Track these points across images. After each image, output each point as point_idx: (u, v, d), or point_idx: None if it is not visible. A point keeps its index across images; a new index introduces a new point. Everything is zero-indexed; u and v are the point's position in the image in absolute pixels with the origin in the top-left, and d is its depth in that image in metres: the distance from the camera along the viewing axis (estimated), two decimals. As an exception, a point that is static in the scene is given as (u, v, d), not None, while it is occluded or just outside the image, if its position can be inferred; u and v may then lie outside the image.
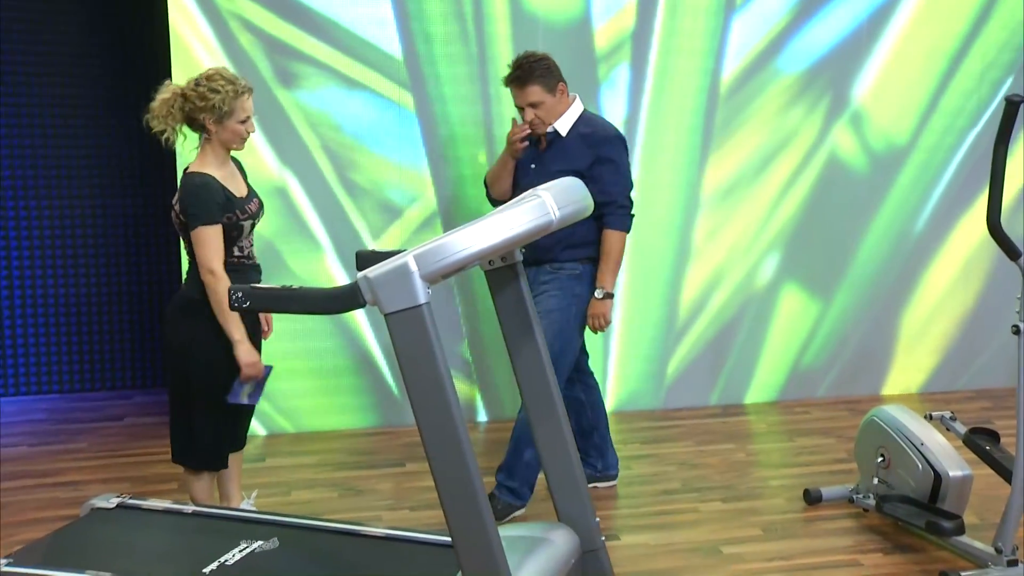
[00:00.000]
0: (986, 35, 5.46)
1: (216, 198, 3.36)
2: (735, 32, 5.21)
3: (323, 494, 4.30)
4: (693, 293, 5.41)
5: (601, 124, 4.06)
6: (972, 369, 5.73)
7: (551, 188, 2.75)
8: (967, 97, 5.48)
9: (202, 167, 3.41)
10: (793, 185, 5.41)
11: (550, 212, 2.66)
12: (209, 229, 3.34)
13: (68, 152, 5.64)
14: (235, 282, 3.28)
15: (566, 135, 3.97)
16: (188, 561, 3.17)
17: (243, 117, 3.39)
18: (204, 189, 3.34)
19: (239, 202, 3.44)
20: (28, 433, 5.11)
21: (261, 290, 2.63)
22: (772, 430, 5.17)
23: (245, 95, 3.39)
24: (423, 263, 2.49)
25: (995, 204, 3.30)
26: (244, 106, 3.38)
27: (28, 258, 5.64)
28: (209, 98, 3.33)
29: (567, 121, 3.97)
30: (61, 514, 3.96)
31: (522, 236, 2.61)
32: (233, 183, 3.47)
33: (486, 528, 2.63)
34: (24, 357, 5.70)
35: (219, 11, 4.72)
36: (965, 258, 5.63)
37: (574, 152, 3.94)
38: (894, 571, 3.53)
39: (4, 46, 5.46)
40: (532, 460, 3.97)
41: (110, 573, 3.04)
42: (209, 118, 3.36)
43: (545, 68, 3.90)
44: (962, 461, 3.66)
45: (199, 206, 3.33)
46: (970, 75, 5.47)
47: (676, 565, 3.60)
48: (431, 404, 2.56)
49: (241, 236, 3.47)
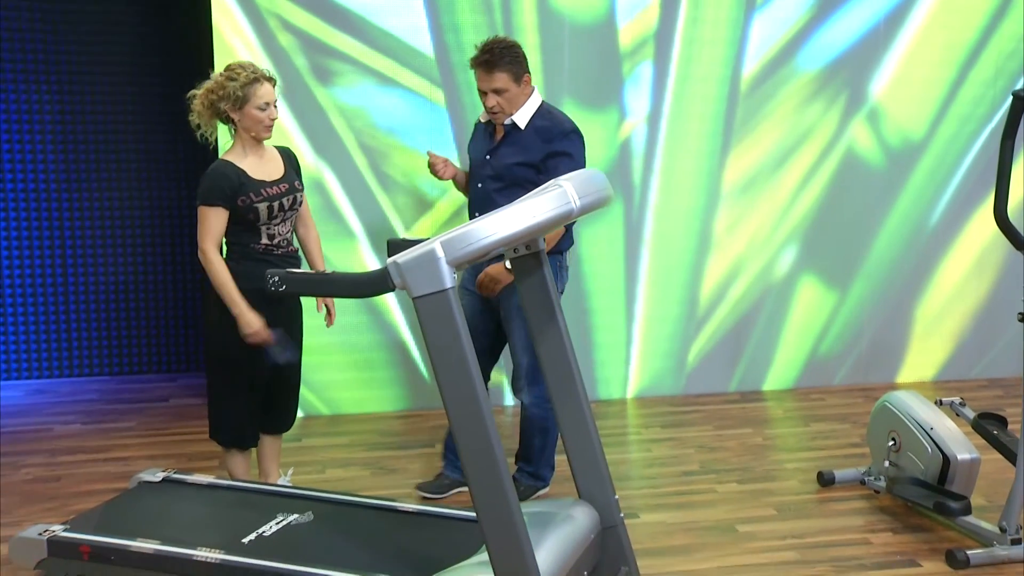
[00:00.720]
0: (1000, 34, 5.43)
1: (223, 183, 3.38)
2: (755, 31, 5.21)
3: (356, 472, 4.36)
4: (713, 283, 5.41)
5: (559, 118, 3.86)
6: (985, 359, 5.70)
7: (572, 178, 2.78)
8: (981, 94, 5.45)
9: (226, 155, 3.47)
10: (811, 179, 5.40)
11: (571, 201, 2.70)
12: (207, 210, 3.38)
13: (118, 147, 5.71)
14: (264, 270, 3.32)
15: (524, 127, 3.79)
16: (228, 531, 3.24)
17: (260, 103, 3.39)
18: (213, 173, 3.40)
19: (254, 184, 3.43)
20: (81, 412, 5.21)
21: (297, 274, 2.69)
22: (789, 416, 5.17)
23: (260, 82, 3.39)
24: (450, 249, 2.53)
25: (1002, 196, 3.30)
26: (259, 92, 3.38)
27: (80, 248, 5.73)
28: (226, 86, 3.37)
29: (526, 113, 3.78)
30: (111, 487, 4.06)
31: (544, 224, 2.64)
32: (259, 169, 3.47)
33: (509, 504, 2.67)
34: (77, 341, 5.79)
35: (259, 11, 4.78)
36: (979, 251, 5.60)
37: (529, 144, 3.78)
38: (903, 549, 3.54)
39: (67, 47, 5.55)
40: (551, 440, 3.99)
41: (158, 540, 3.12)
42: (229, 106, 3.39)
43: (514, 56, 3.71)
44: (970, 445, 3.66)
45: (204, 187, 3.39)
46: (984, 73, 5.44)
47: (693, 542, 3.63)
48: (457, 383, 2.61)
49: (261, 220, 3.45)
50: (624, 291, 5.32)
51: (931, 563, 3.43)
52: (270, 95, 3.42)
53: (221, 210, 3.39)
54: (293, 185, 3.55)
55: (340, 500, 3.52)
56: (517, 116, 3.77)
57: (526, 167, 3.74)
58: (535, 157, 3.74)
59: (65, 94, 5.59)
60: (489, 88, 3.69)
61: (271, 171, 3.51)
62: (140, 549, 3.09)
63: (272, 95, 3.44)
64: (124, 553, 3.10)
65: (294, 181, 3.57)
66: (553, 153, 3.74)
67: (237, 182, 3.40)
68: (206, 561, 3.02)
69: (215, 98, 3.41)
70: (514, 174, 3.75)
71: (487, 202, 3.72)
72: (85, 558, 3.13)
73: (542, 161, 3.74)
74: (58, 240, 5.69)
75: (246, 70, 3.40)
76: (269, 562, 3.01)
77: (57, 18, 5.51)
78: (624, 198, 5.22)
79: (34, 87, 5.56)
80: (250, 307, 3.42)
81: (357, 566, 3.00)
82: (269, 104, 3.41)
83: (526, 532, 2.72)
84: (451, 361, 2.60)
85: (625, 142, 5.19)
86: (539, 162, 3.73)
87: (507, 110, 3.73)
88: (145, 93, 5.66)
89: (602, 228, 5.23)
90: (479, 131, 3.95)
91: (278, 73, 4.74)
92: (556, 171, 3.69)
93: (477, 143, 3.94)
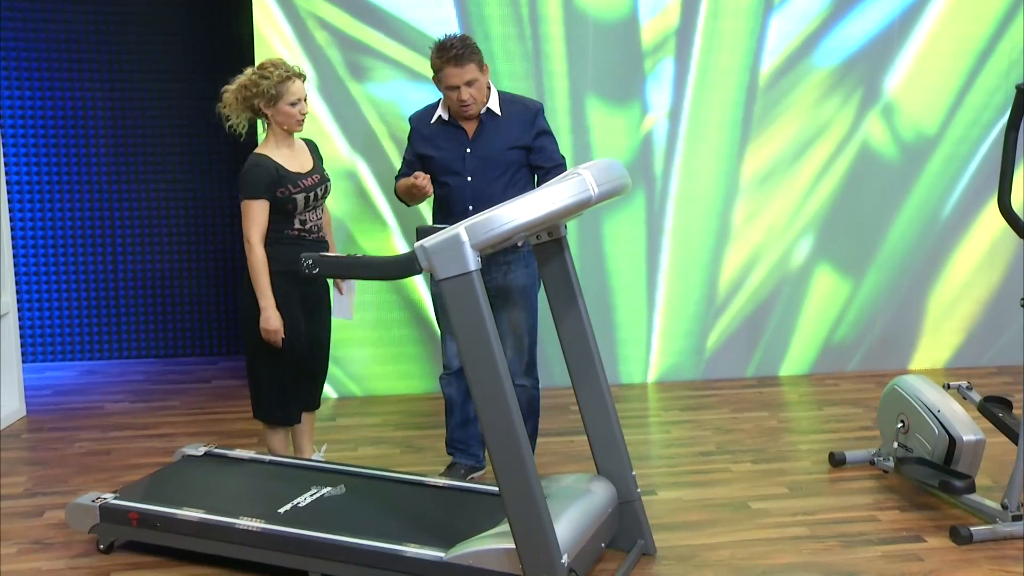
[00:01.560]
0: (1013, 32, 5.39)
1: (263, 177, 3.44)
2: (773, 29, 5.21)
3: (386, 450, 4.41)
4: (732, 272, 5.42)
5: (524, 99, 3.83)
6: (995, 347, 5.68)
7: (591, 167, 2.82)
8: (993, 91, 5.41)
9: (261, 149, 3.52)
10: (827, 172, 5.40)
11: (589, 189, 2.74)
12: (252, 203, 3.44)
13: (164, 145, 5.78)
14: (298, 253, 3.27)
15: (501, 113, 3.71)
16: (266, 501, 3.32)
17: (293, 100, 3.45)
18: (253, 167, 3.45)
19: (292, 176, 3.50)
20: (129, 392, 5.30)
21: (330, 257, 2.76)
22: (803, 400, 5.18)
23: (292, 79, 3.45)
24: (473, 234, 2.59)
25: (1006, 186, 3.30)
26: (292, 89, 3.44)
27: (129, 239, 5.81)
28: (260, 84, 3.43)
29: (495, 101, 3.72)
30: (157, 461, 4.13)
31: (563, 211, 2.68)
32: (293, 161, 3.54)
33: (529, 477, 2.73)
34: (126, 326, 5.88)
35: (298, 11, 4.84)
36: (990, 243, 5.57)
37: (515, 128, 3.71)
38: (909, 526, 3.55)
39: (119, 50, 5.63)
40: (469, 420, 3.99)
41: (200, 509, 3.20)
42: (262, 102, 3.45)
43: (475, 47, 3.62)
44: (976, 427, 3.66)
45: (245, 182, 3.45)
46: (997, 70, 5.40)
47: (707, 518, 3.65)
48: (480, 360, 2.66)
49: (298, 209, 3.52)
50: (646, 279, 5.35)
51: (936, 539, 3.44)
52: (301, 91, 3.48)
53: (264, 202, 3.46)
54: (323, 175, 3.64)
55: (370, 474, 3.59)
56: (491, 104, 3.71)
57: (519, 150, 3.70)
58: (526, 139, 3.70)
59: (116, 95, 5.68)
60: (462, 82, 3.57)
61: (303, 163, 3.58)
62: (183, 517, 3.19)
63: (303, 91, 3.49)
64: (169, 520, 3.20)
65: (323, 171, 3.65)
66: (539, 133, 3.73)
67: (276, 175, 3.46)
68: (246, 529, 3.10)
69: (249, 94, 3.47)
70: (508, 159, 3.69)
71: (486, 192, 3.63)
72: (134, 524, 3.23)
73: (533, 140, 3.71)
74: (108, 233, 5.78)
75: (279, 68, 3.45)
76: (303, 531, 3.08)
77: (111, 22, 5.60)
78: (646, 190, 5.24)
79: (88, 89, 5.65)
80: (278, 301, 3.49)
81: (385, 535, 3.07)
82: (300, 100, 3.48)
83: (545, 505, 2.77)
84: (475, 339, 2.65)
85: (647, 136, 5.21)
86: (530, 143, 3.70)
87: (479, 100, 3.64)
88: (189, 94, 5.73)
89: (624, 219, 5.25)
90: (441, 130, 3.76)
91: (314, 69, 4.86)
92: (544, 149, 3.73)
93: (445, 141, 3.75)
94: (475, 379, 2.69)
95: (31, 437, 4.56)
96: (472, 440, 4.00)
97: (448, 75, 3.59)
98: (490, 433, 2.74)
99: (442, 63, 3.60)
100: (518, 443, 2.72)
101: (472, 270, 2.59)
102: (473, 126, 3.73)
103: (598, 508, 3.17)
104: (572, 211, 2.74)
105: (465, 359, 2.67)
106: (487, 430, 2.75)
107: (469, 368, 2.68)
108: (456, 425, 3.99)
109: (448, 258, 2.59)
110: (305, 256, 2.73)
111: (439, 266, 2.61)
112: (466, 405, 3.94)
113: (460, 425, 3.99)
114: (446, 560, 2.88)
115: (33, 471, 4.14)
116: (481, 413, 2.73)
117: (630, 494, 3.31)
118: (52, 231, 5.72)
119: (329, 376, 5.11)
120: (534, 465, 2.77)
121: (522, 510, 2.74)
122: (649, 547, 3.33)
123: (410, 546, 2.96)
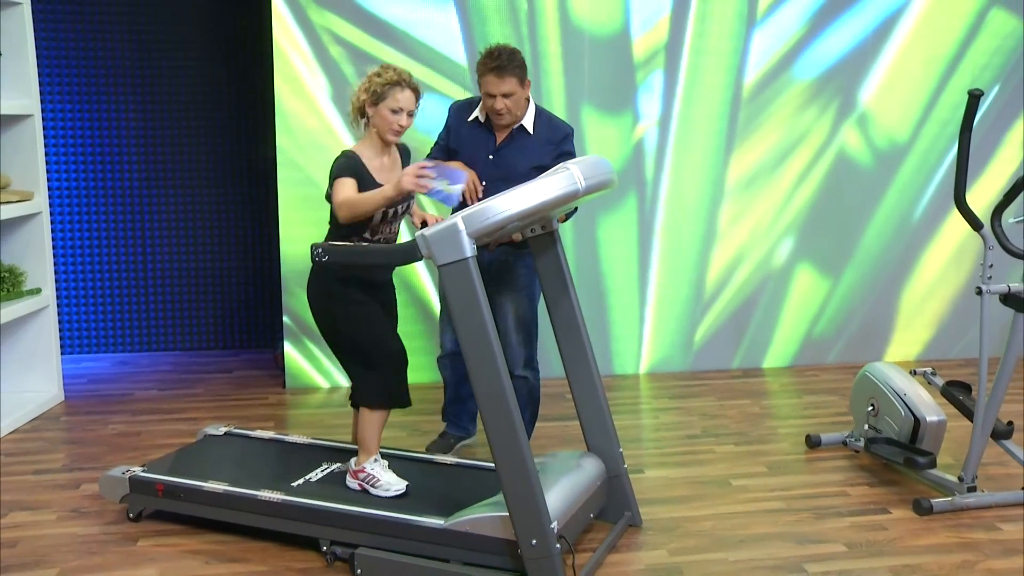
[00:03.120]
0: (975, 48, 5.44)
1: (354, 166, 3.14)
2: (756, 43, 5.26)
3: (394, 433, 4.41)
4: (718, 271, 5.46)
5: (558, 122, 3.79)
6: (963, 341, 5.71)
7: (579, 162, 2.87)
8: (959, 103, 5.41)
9: (355, 148, 3.24)
10: (806, 177, 5.44)
11: (577, 182, 2.79)
12: (345, 180, 3.10)
13: (191, 151, 5.81)
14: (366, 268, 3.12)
15: (532, 132, 3.70)
16: (281, 475, 3.38)
17: (395, 106, 3.12)
18: (342, 158, 3.18)
19: (375, 185, 3.14)
20: (158, 380, 5.35)
21: (339, 246, 2.82)
22: (785, 389, 5.21)
23: (402, 86, 3.13)
24: (470, 223, 2.64)
25: (961, 183, 3.31)
26: (398, 96, 3.12)
27: (159, 239, 5.86)
28: (372, 81, 3.17)
29: (530, 117, 3.70)
30: (182, 440, 4.20)
31: (552, 201, 2.73)
32: (382, 174, 3.19)
33: (522, 451, 2.77)
34: (155, 321, 5.92)
35: (314, 27, 4.90)
36: (958, 243, 5.61)
37: (538, 148, 3.68)
38: (876, 500, 3.60)
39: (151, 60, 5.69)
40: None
41: (221, 481, 3.26)
42: (367, 100, 3.16)
43: (521, 61, 3.59)
44: (938, 408, 3.71)
45: (338, 167, 3.16)
46: (963, 81, 5.44)
47: (691, 494, 3.69)
48: (475, 340, 2.71)
49: (373, 220, 3.14)
50: (638, 277, 5.39)
51: (900, 511, 3.48)
52: (407, 103, 3.14)
53: (353, 180, 3.11)
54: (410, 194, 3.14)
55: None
56: (526, 120, 3.70)
57: (539, 170, 3.53)
58: (547, 160, 3.62)
59: (148, 106, 5.71)
60: (499, 92, 3.56)
61: (394, 175, 3.19)
62: (205, 488, 3.24)
63: (410, 104, 3.16)
64: (191, 491, 3.26)
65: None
66: (561, 154, 3.67)
67: (361, 176, 3.14)
68: (263, 500, 3.16)
69: (362, 92, 3.19)
70: (527, 176, 3.50)
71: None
72: (159, 495, 3.29)
73: (552, 162, 3.60)
74: (140, 234, 5.83)
75: (393, 71, 3.17)
76: (316, 501, 3.13)
77: (144, 34, 5.66)
78: (637, 193, 5.29)
79: (123, 101, 5.68)
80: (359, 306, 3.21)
81: (389, 506, 3.12)
82: (403, 110, 3.14)
83: (537, 479, 2.81)
84: (471, 320, 2.70)
85: (639, 143, 5.26)
86: (549, 163, 3.58)
87: (513, 112, 3.62)
88: (216, 103, 5.77)
89: (618, 220, 5.30)
90: (473, 129, 3.75)
91: (329, 82, 4.92)
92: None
93: (473, 140, 3.74)
94: (471, 356, 2.73)
95: (68, 419, 4.63)
96: (463, 415, 4.14)
97: (488, 82, 3.58)
98: (485, 407, 2.78)
99: (485, 70, 3.58)
100: (511, 417, 2.76)
101: (468, 256, 2.64)
102: (503, 135, 3.70)
103: (587, 481, 3.21)
104: (561, 202, 2.78)
105: (461, 338, 2.72)
106: (483, 405, 2.78)
107: (465, 346, 2.72)
108: (449, 401, 4.15)
109: (447, 245, 2.65)
110: (315, 245, 2.79)
111: (438, 253, 2.66)
112: (460, 386, 4.05)
113: (452, 402, 4.14)
114: (445, 527, 2.93)
115: (70, 449, 4.21)
116: (477, 388, 2.77)
117: (618, 469, 3.36)
118: (89, 232, 5.79)
119: (336, 363, 5.18)
120: (526, 438, 2.82)
121: (515, 480, 2.79)
122: (636, 519, 3.38)
123: (413, 515, 3.02)
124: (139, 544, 3.22)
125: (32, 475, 3.88)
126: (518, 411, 2.79)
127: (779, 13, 5.25)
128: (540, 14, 5.05)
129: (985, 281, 3.35)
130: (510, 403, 2.76)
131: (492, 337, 2.68)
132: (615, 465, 3.36)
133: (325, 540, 3.08)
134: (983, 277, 3.36)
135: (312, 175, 4.95)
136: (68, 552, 3.17)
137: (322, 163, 4.49)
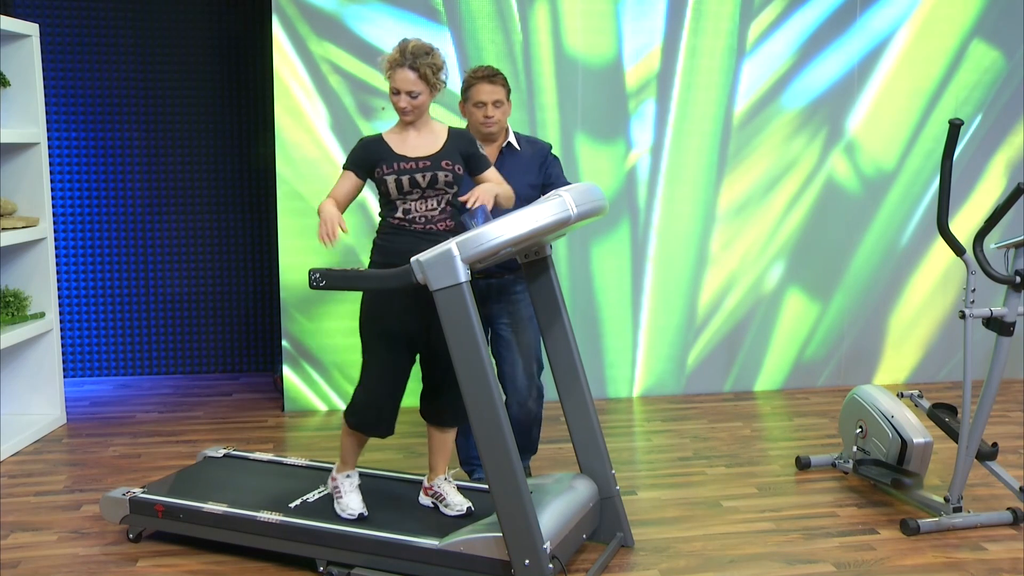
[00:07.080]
0: (959, 78, 5.50)
1: (359, 151, 3.15)
2: (745, 73, 5.31)
3: (390, 455, 4.43)
4: (710, 295, 5.49)
5: (538, 141, 3.80)
6: (950, 364, 5.73)
7: (571, 189, 2.90)
8: (944, 132, 5.44)
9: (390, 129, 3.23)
10: (796, 204, 5.48)
11: (569, 208, 2.82)
12: (344, 173, 3.16)
13: (194, 176, 5.85)
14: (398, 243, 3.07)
15: (520, 149, 3.69)
16: (279, 497, 3.39)
17: (393, 87, 3.08)
18: (358, 143, 3.19)
19: (392, 157, 3.10)
20: (159, 403, 5.35)
21: (335, 271, 2.83)
22: (775, 412, 5.22)
23: (398, 67, 3.05)
24: (463, 249, 2.67)
25: (943, 208, 3.33)
26: (395, 76, 3.06)
27: (161, 265, 5.88)
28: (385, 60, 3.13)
29: (513, 137, 3.70)
30: (182, 463, 4.21)
31: (544, 228, 2.76)
32: (407, 144, 3.13)
33: (515, 473, 2.78)
34: (156, 345, 5.93)
35: (313, 56, 4.95)
36: (944, 268, 5.64)
37: (530, 166, 3.68)
38: (865, 520, 3.60)
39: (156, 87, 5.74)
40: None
41: (219, 503, 3.26)
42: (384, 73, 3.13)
43: (506, 77, 3.64)
44: (925, 430, 3.72)
45: (348, 154, 3.20)
46: (946, 111, 5.50)
47: (683, 515, 3.69)
48: (470, 363, 2.73)
49: (391, 193, 3.09)
50: (631, 302, 5.42)
51: (888, 531, 3.49)
52: (404, 83, 3.04)
53: (351, 174, 3.13)
54: (439, 164, 3.10)
55: (372, 474, 3.64)
56: (512, 139, 3.69)
57: (535, 188, 3.66)
58: (538, 179, 3.67)
59: (151, 132, 5.76)
60: (491, 99, 3.55)
61: (422, 148, 3.12)
62: (203, 509, 3.25)
63: (407, 84, 3.04)
64: (191, 512, 3.27)
65: (442, 161, 3.11)
66: (549, 174, 3.71)
67: (376, 155, 3.11)
68: (261, 521, 3.16)
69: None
70: (526, 195, 3.60)
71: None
72: (159, 516, 3.30)
73: (543, 181, 3.68)
74: (142, 259, 5.85)
75: (396, 50, 3.08)
76: (313, 522, 3.14)
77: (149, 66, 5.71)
78: (630, 219, 5.33)
79: (127, 127, 5.73)
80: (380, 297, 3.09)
81: (385, 526, 3.13)
82: (401, 92, 3.06)
83: (530, 497, 2.83)
84: (465, 344, 2.72)
85: (631, 170, 5.30)
86: (539, 180, 3.67)
87: (500, 123, 3.61)
88: (217, 131, 5.81)
89: (611, 246, 5.33)
90: None
91: (328, 109, 4.97)
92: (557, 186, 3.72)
93: None
94: (465, 379, 2.75)
95: (70, 442, 4.64)
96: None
97: (479, 90, 3.56)
98: (479, 430, 2.80)
99: (476, 79, 3.58)
100: (505, 439, 2.78)
101: (462, 281, 2.66)
102: (494, 158, 3.67)
103: (580, 502, 3.22)
104: (553, 228, 2.81)
105: (456, 360, 2.74)
106: (476, 427, 2.80)
107: (460, 369, 2.74)
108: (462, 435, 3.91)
109: (441, 271, 2.67)
110: (313, 269, 2.81)
111: (433, 278, 2.68)
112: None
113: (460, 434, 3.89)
114: (440, 547, 2.94)
115: (72, 471, 4.21)
116: (471, 410, 2.79)
117: (610, 490, 3.37)
118: (92, 258, 5.82)
119: (334, 386, 5.19)
120: (520, 459, 2.83)
121: (508, 501, 2.80)
122: (628, 539, 3.38)
123: (408, 536, 3.02)
124: (139, 565, 3.23)
125: (34, 496, 3.88)
126: (511, 433, 2.81)
127: (767, 44, 5.31)
128: (534, 45, 5.11)
129: (968, 305, 3.38)
130: (504, 426, 2.78)
131: (486, 361, 2.70)
132: (607, 487, 3.36)
133: (322, 560, 3.09)
134: (966, 301, 3.38)
135: (311, 204, 4.98)
136: (69, 573, 3.18)
137: (321, 192, 4.52)
